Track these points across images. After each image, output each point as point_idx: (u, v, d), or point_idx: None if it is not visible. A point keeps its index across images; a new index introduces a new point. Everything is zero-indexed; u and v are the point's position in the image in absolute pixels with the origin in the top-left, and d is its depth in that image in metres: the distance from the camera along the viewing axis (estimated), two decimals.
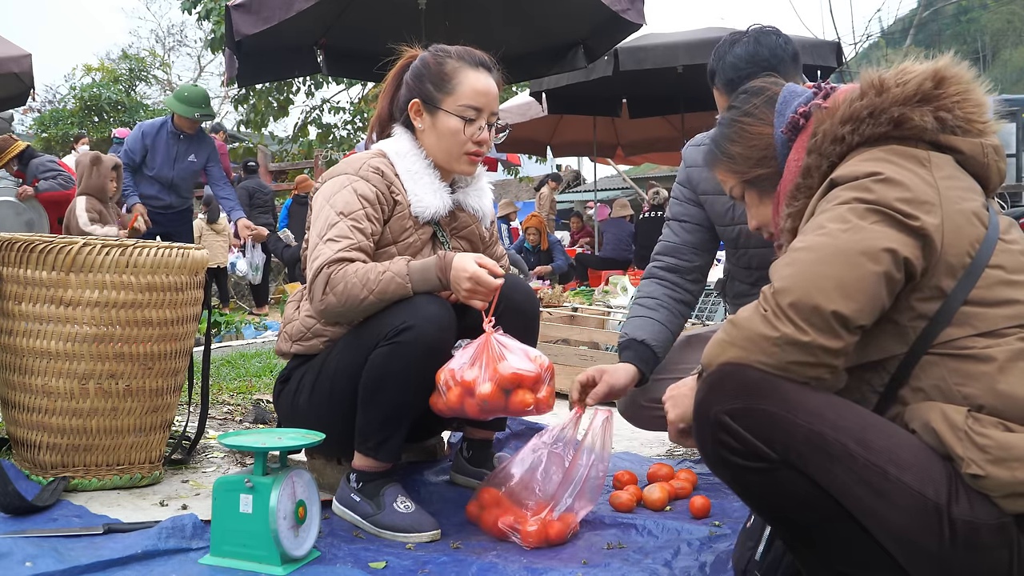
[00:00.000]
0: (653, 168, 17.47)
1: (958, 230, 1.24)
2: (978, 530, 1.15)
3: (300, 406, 1.98)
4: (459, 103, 1.98)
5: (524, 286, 2.12)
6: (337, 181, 1.96)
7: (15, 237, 2.06)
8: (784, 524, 1.31)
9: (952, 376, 1.22)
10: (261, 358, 4.40)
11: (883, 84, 1.33)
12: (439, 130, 2.00)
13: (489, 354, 1.80)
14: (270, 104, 14.29)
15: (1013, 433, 1.17)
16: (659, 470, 2.23)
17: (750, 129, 1.52)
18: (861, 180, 1.26)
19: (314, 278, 1.85)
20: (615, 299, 5.48)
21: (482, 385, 1.77)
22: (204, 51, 22.17)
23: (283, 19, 5.01)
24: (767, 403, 1.21)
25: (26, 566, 1.57)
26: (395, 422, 1.89)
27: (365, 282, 1.82)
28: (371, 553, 1.77)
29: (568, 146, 11.31)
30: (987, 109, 1.34)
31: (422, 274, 1.85)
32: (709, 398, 1.27)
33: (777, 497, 1.24)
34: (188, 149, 5.70)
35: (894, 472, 1.17)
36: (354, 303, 1.83)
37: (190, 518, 1.81)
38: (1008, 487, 1.15)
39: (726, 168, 1.56)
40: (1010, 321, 1.22)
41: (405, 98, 2.06)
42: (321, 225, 1.91)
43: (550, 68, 6.58)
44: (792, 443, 1.20)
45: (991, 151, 1.33)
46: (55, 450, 2.08)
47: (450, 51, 2.03)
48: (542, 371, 1.81)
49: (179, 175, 5.72)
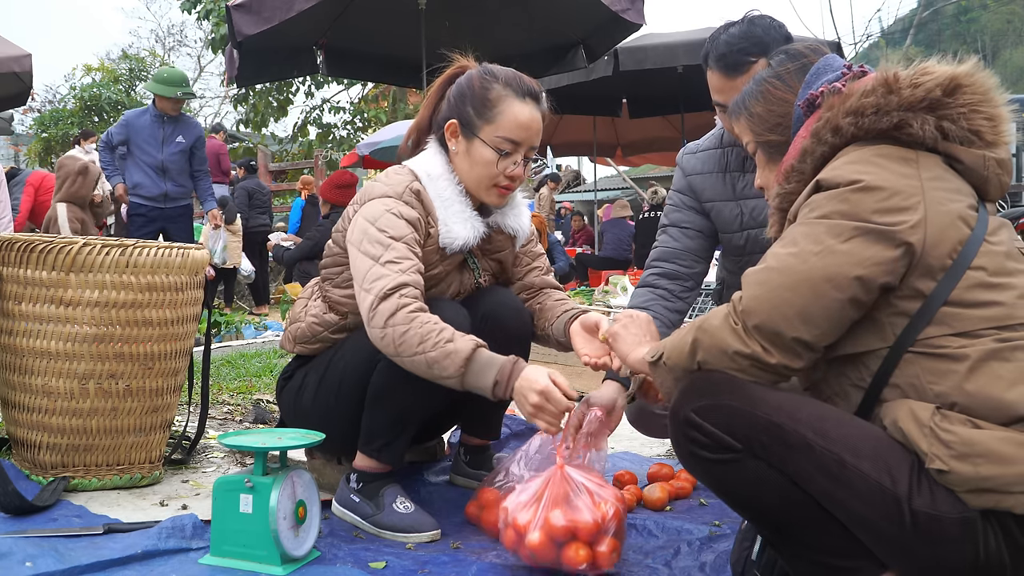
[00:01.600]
0: (653, 168, 17.47)
1: (941, 232, 1.24)
2: (940, 523, 1.17)
3: (304, 404, 1.98)
4: (497, 134, 1.87)
5: (514, 302, 2.05)
6: (381, 203, 1.86)
7: (15, 237, 2.06)
8: (759, 517, 1.36)
9: (925, 374, 1.24)
10: (261, 358, 4.40)
11: (896, 83, 1.32)
12: (473, 158, 1.90)
13: (552, 493, 1.63)
14: (270, 104, 14.31)
15: (979, 429, 1.18)
16: (659, 470, 2.23)
17: (775, 93, 1.52)
18: (841, 189, 1.27)
19: (376, 303, 1.72)
20: (615, 299, 5.48)
21: (532, 533, 1.60)
22: (204, 51, 22.19)
23: (283, 19, 5.03)
24: (731, 399, 1.29)
25: (26, 566, 1.57)
26: (401, 426, 1.89)
27: (422, 341, 1.68)
28: (371, 553, 1.77)
29: (568, 146, 11.32)
30: (1001, 121, 1.32)
31: (482, 369, 1.68)
32: (679, 401, 1.34)
33: (748, 489, 1.30)
34: (175, 131, 5.72)
35: (851, 460, 1.22)
36: (404, 352, 1.71)
37: (190, 518, 1.81)
38: (971, 482, 1.16)
39: (745, 123, 1.57)
40: (987, 323, 1.23)
41: (445, 115, 1.95)
42: (373, 248, 1.79)
43: (550, 68, 6.58)
44: (754, 434, 1.27)
45: (993, 164, 1.31)
46: (55, 450, 2.08)
47: (498, 75, 1.91)
48: (604, 521, 1.60)
49: (168, 158, 5.69)
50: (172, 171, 5.75)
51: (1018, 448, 1.16)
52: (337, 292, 1.98)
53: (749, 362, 1.27)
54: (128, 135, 5.66)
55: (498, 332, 1.96)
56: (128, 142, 5.68)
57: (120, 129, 5.69)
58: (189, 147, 5.78)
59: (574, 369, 3.59)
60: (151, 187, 5.70)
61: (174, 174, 5.77)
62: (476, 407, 2.12)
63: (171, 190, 5.75)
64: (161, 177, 5.72)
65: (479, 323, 1.94)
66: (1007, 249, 1.29)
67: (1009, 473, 1.15)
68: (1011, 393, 1.19)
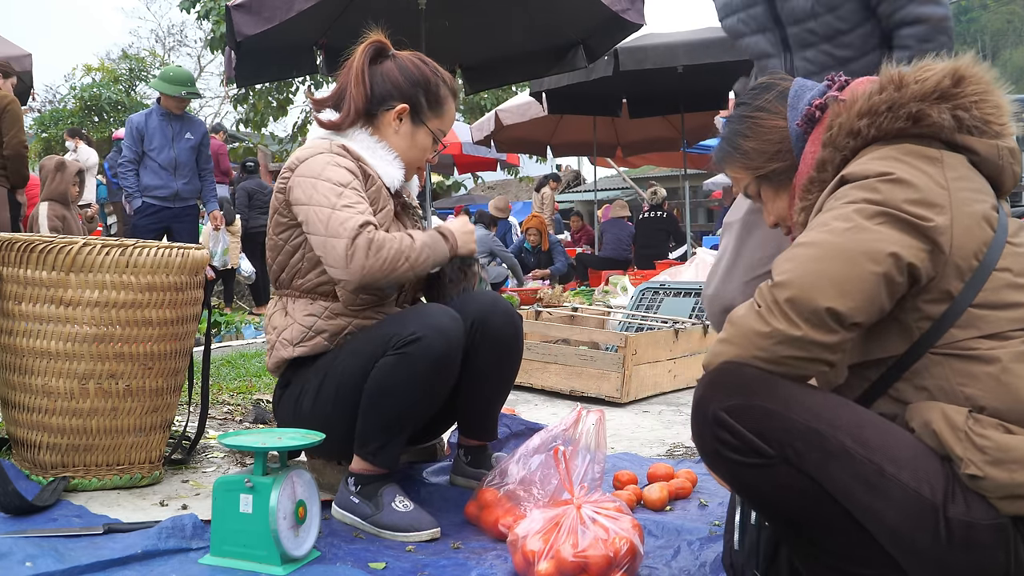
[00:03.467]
0: (653, 168, 17.46)
1: (967, 232, 1.23)
2: (974, 530, 1.15)
3: (303, 410, 1.97)
4: (441, 127, 2.11)
5: (504, 307, 2.06)
6: (315, 161, 1.94)
7: (15, 237, 2.06)
8: (784, 522, 1.32)
9: (955, 376, 1.22)
10: (261, 358, 4.40)
11: (903, 80, 1.32)
12: (415, 141, 2.07)
13: (564, 525, 1.65)
14: (270, 104, 14.28)
15: (1013, 435, 1.17)
16: (659, 470, 2.23)
17: (764, 123, 1.50)
18: (870, 180, 1.26)
19: (351, 241, 1.80)
20: (615, 299, 5.48)
21: (541, 563, 1.61)
22: (204, 51, 22.16)
23: (283, 19, 5.02)
24: (764, 400, 1.22)
25: (26, 566, 1.57)
26: (395, 430, 1.89)
27: (403, 248, 1.84)
28: (371, 553, 1.77)
29: (568, 146, 11.30)
30: (1005, 111, 1.33)
31: (434, 245, 1.92)
32: (707, 395, 1.27)
33: (775, 494, 1.25)
34: (182, 128, 5.79)
35: (891, 470, 1.17)
36: (393, 268, 1.83)
37: (190, 518, 1.81)
38: (1006, 489, 1.15)
39: (740, 165, 1.54)
40: (1016, 324, 1.22)
41: (388, 94, 2.04)
42: (327, 197, 1.87)
43: (550, 68, 6.58)
44: (789, 439, 1.21)
45: (1007, 153, 1.32)
46: (55, 450, 2.08)
47: (443, 76, 2.10)
48: (616, 556, 1.60)
49: (180, 155, 5.74)
50: (184, 168, 5.78)
51: None
52: (311, 279, 2.00)
53: (772, 341, 1.21)
54: (141, 138, 5.69)
55: (489, 337, 2.00)
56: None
57: (134, 140, 5.69)
58: (197, 144, 5.83)
59: (574, 369, 3.59)
60: (162, 187, 5.72)
61: (186, 171, 5.80)
62: (471, 409, 2.12)
63: (182, 189, 5.78)
64: (172, 175, 5.74)
65: (470, 328, 1.96)
66: None
67: None
68: None
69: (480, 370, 2.02)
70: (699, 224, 14.04)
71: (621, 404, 3.43)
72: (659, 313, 4.29)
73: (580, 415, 1.98)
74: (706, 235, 10.46)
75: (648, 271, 7.20)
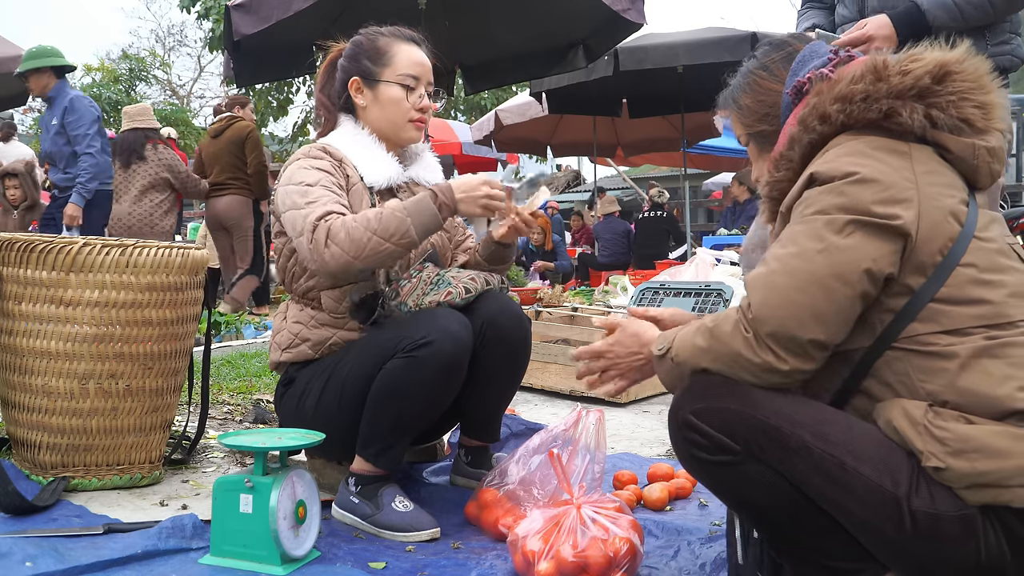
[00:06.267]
0: (653, 168, 17.46)
1: (933, 227, 1.24)
2: (940, 521, 1.17)
3: (307, 409, 1.97)
4: (398, 73, 2.05)
5: (514, 309, 2.05)
6: (290, 169, 1.99)
7: (15, 237, 2.06)
8: (760, 519, 1.35)
9: (916, 372, 1.24)
10: (261, 358, 4.40)
11: (885, 70, 1.31)
12: (382, 101, 2.06)
13: (564, 525, 1.65)
14: (270, 104, 14.29)
15: (973, 425, 1.18)
16: (659, 470, 2.23)
17: (762, 84, 1.51)
18: (836, 183, 1.26)
19: (311, 235, 1.82)
20: (615, 299, 5.48)
21: (541, 563, 1.60)
22: (204, 51, 22.17)
23: (282, 19, 5.01)
24: (730, 401, 1.27)
25: (26, 566, 1.57)
26: (399, 433, 1.90)
27: (366, 224, 1.80)
28: (371, 553, 1.77)
29: (568, 146, 11.30)
30: (993, 109, 1.30)
31: (416, 206, 1.84)
32: (677, 402, 1.33)
33: (747, 490, 1.29)
34: (50, 113, 5.13)
35: (851, 463, 1.20)
36: (359, 247, 1.79)
37: (190, 518, 1.81)
38: (969, 478, 1.16)
39: (735, 116, 1.56)
40: (977, 320, 1.22)
41: (342, 80, 2.10)
42: (294, 200, 1.90)
43: (550, 68, 6.57)
44: (753, 436, 1.25)
45: (983, 152, 1.30)
46: (55, 450, 2.08)
47: (381, 29, 2.12)
48: (616, 556, 1.60)
49: (50, 146, 5.15)
50: (56, 158, 5.21)
51: (1013, 441, 1.16)
52: (303, 283, 2.04)
53: (761, 370, 1.25)
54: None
55: (498, 339, 1.99)
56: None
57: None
58: (60, 124, 5.09)
59: (574, 369, 3.59)
60: (52, 186, 5.26)
61: (57, 160, 5.22)
62: (477, 411, 2.12)
63: (58, 179, 5.24)
64: (51, 170, 5.25)
65: (479, 330, 1.95)
66: (999, 246, 1.28)
67: (1005, 467, 1.15)
68: (1002, 389, 1.18)
69: (488, 372, 2.02)
70: (699, 224, 14.03)
71: (621, 404, 3.43)
72: None
73: (580, 415, 1.98)
74: (706, 235, 10.46)
75: (648, 271, 7.19)
